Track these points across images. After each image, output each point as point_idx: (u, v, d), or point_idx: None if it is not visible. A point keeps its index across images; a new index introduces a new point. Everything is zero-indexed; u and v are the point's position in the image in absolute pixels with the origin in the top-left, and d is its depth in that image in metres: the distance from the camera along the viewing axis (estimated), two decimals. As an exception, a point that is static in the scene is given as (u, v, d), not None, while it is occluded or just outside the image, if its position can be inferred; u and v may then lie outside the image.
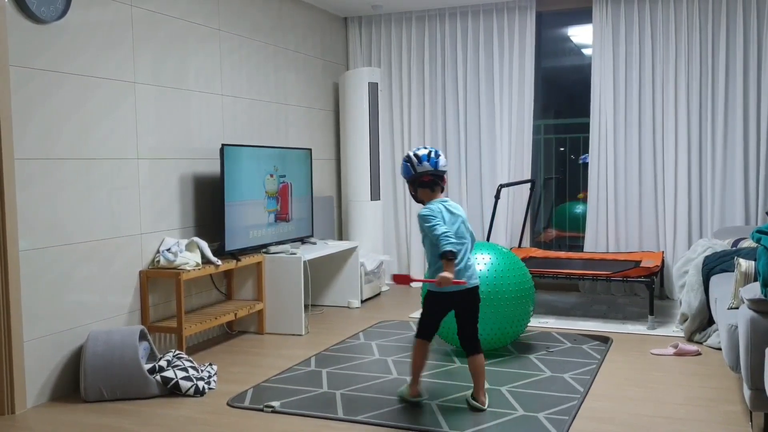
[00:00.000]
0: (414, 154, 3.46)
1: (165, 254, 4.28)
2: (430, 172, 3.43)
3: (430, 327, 3.54)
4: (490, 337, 4.22)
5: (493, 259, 4.26)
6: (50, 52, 3.66)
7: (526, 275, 4.36)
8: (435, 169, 3.44)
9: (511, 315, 4.21)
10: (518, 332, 4.35)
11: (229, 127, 5.12)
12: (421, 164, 3.43)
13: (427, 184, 3.47)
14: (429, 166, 3.43)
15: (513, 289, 4.21)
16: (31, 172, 3.56)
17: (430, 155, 3.43)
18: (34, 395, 3.60)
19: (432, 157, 3.43)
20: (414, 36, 6.64)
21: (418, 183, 3.47)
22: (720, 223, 5.80)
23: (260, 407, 3.49)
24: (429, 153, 3.44)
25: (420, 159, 3.43)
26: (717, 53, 5.75)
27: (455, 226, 3.41)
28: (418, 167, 3.44)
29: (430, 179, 3.45)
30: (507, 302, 4.18)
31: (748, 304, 3.02)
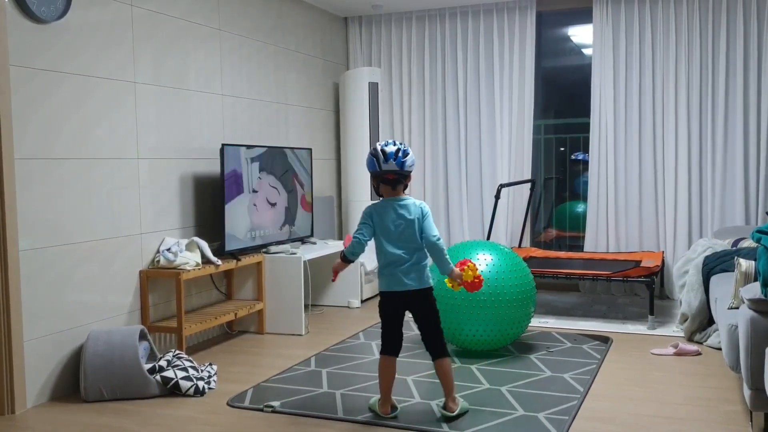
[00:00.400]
0: (381, 150, 3.30)
1: (165, 254, 4.28)
2: (394, 172, 3.30)
3: (389, 337, 3.38)
4: (489, 338, 4.22)
5: (494, 259, 4.25)
6: (50, 51, 3.66)
7: (527, 276, 4.34)
8: (401, 169, 3.29)
9: (511, 316, 4.20)
10: (518, 333, 4.34)
11: (229, 127, 5.12)
12: (387, 162, 3.28)
13: (389, 182, 3.33)
14: (394, 166, 3.28)
15: (514, 291, 4.19)
16: (31, 172, 3.56)
17: (397, 154, 3.28)
18: (34, 395, 3.60)
19: (399, 157, 3.28)
20: (414, 36, 6.64)
21: (381, 179, 3.34)
22: (720, 222, 5.80)
23: (260, 407, 3.49)
24: (397, 151, 3.28)
25: (387, 156, 3.28)
26: (717, 53, 5.75)
27: (398, 229, 3.29)
28: (384, 165, 3.29)
29: (394, 178, 3.32)
30: (508, 303, 4.16)
31: (749, 304, 3.02)
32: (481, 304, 4.12)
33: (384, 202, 3.36)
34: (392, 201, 3.34)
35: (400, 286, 3.32)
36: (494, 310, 4.13)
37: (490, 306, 4.12)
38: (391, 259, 3.31)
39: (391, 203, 3.34)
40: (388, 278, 3.34)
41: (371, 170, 3.35)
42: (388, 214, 3.33)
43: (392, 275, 3.32)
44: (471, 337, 4.22)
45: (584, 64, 6.43)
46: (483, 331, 4.18)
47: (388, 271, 3.33)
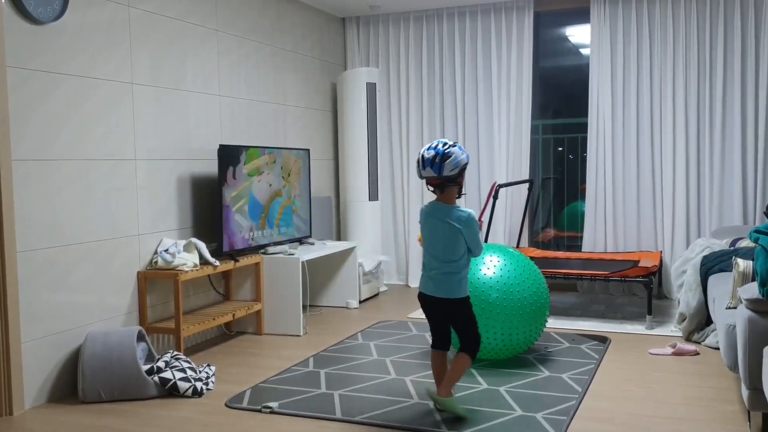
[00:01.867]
0: (421, 156, 3.26)
1: (163, 255, 4.28)
2: (430, 178, 3.28)
3: (433, 333, 3.47)
4: (503, 347, 4.01)
5: (502, 262, 4.03)
6: (47, 52, 3.65)
7: (539, 279, 4.11)
8: (439, 175, 3.23)
9: (526, 325, 3.97)
10: (533, 341, 4.13)
11: (227, 128, 5.11)
12: (425, 169, 3.25)
13: (435, 186, 3.32)
14: (432, 172, 3.24)
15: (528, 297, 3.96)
16: (28, 173, 3.55)
17: (434, 161, 3.21)
18: (32, 396, 3.60)
19: (436, 163, 3.20)
20: (412, 36, 6.64)
21: (428, 183, 3.34)
22: (718, 222, 5.80)
23: (258, 408, 3.49)
24: (434, 158, 3.21)
25: (424, 163, 3.24)
26: (715, 53, 5.76)
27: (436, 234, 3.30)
28: (423, 171, 3.27)
29: (438, 182, 3.29)
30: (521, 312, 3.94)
31: (746, 304, 3.02)
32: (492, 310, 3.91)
33: (432, 204, 3.37)
34: (439, 205, 3.33)
35: (425, 289, 3.37)
36: (507, 319, 3.92)
37: (501, 314, 3.92)
38: (425, 260, 3.37)
39: (437, 207, 3.33)
40: (421, 279, 3.41)
41: (418, 176, 3.35)
42: (432, 216, 3.33)
43: (423, 276, 3.40)
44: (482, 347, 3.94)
45: (582, 64, 6.43)
46: (491, 340, 3.97)
47: (423, 271, 3.39)
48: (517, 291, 3.98)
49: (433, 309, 3.40)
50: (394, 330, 5.03)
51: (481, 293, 3.95)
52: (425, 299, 3.39)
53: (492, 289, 3.95)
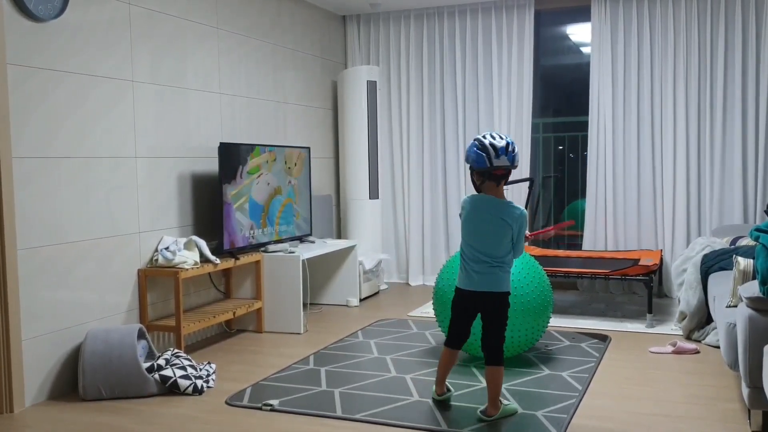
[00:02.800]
0: (491, 144, 3.12)
1: (163, 253, 4.28)
2: (505, 167, 3.16)
3: (452, 330, 3.39)
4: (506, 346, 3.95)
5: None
6: (48, 50, 3.65)
7: (543, 278, 4.12)
8: (512, 164, 3.15)
9: (529, 324, 3.98)
10: (536, 340, 4.14)
11: (228, 126, 5.11)
12: (499, 158, 3.12)
13: (496, 178, 3.20)
14: (506, 161, 3.13)
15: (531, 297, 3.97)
16: (29, 171, 3.55)
17: (508, 149, 3.12)
18: (32, 394, 3.60)
19: (510, 152, 3.12)
20: (413, 34, 6.63)
21: (487, 176, 3.19)
22: (718, 221, 5.80)
23: (259, 405, 3.49)
24: (507, 146, 3.12)
25: (498, 152, 3.11)
26: (716, 51, 5.75)
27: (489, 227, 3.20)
28: (495, 161, 3.12)
29: (502, 173, 3.19)
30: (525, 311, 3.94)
31: (747, 303, 3.02)
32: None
33: (482, 197, 3.25)
34: (491, 199, 3.22)
35: (469, 284, 3.27)
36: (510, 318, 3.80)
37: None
38: (468, 255, 3.26)
39: (489, 200, 3.22)
40: (462, 274, 3.31)
41: (480, 166, 3.16)
42: (482, 210, 3.22)
43: (464, 271, 3.29)
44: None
45: (583, 62, 6.43)
46: None
47: (463, 266, 3.29)
48: (521, 290, 3.97)
49: (471, 305, 3.31)
50: (394, 328, 5.03)
51: None
52: (465, 295, 3.29)
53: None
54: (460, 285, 3.33)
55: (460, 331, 3.38)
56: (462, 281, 3.32)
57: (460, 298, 3.34)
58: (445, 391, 3.49)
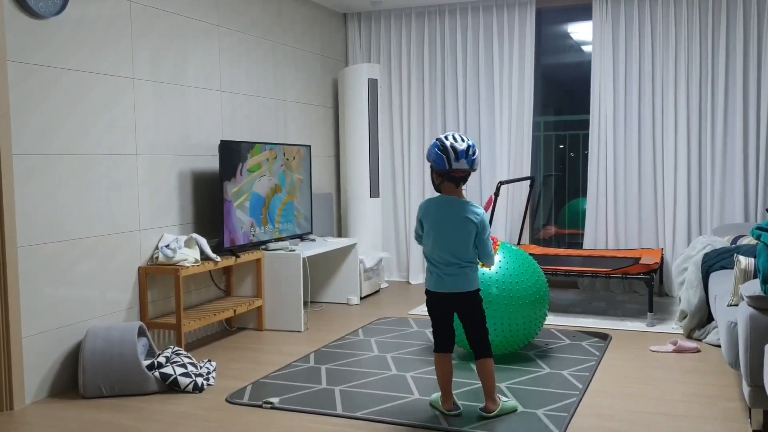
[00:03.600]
0: (452, 147, 3.14)
1: (164, 250, 4.28)
2: (464, 170, 3.19)
3: (436, 335, 3.34)
4: (502, 341, 4.04)
5: (503, 259, 4.07)
6: (48, 47, 3.65)
7: (539, 274, 4.15)
8: (471, 167, 3.18)
9: (525, 319, 4.00)
10: (532, 336, 4.16)
11: (228, 124, 5.11)
12: (458, 161, 3.15)
13: (455, 180, 3.22)
14: (465, 165, 3.16)
15: (527, 292, 4.00)
16: (29, 168, 3.55)
17: (468, 152, 3.15)
18: (32, 391, 3.60)
19: (470, 155, 3.15)
20: (414, 32, 6.63)
21: (446, 177, 3.21)
22: (719, 220, 5.80)
23: (259, 403, 3.49)
24: (467, 149, 3.15)
25: (458, 155, 3.14)
26: (717, 50, 5.75)
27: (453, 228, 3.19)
28: (455, 163, 3.15)
29: (461, 176, 3.22)
30: (521, 306, 3.97)
31: (748, 301, 3.02)
32: (492, 306, 3.93)
33: (442, 198, 3.26)
34: (451, 199, 3.24)
35: (439, 287, 3.25)
36: (506, 314, 3.95)
37: (501, 309, 3.94)
38: (434, 257, 3.24)
39: (450, 200, 3.23)
40: (432, 277, 3.27)
41: (440, 168, 3.19)
42: (444, 210, 3.22)
43: (433, 275, 3.26)
44: None
45: (584, 61, 6.42)
46: (494, 336, 3.95)
47: (432, 270, 3.26)
48: (517, 286, 3.99)
49: (446, 307, 3.30)
50: (394, 326, 5.03)
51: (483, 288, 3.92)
52: (438, 297, 3.28)
53: (493, 284, 3.97)
54: (432, 288, 3.29)
55: (445, 332, 3.33)
56: (433, 284, 3.28)
57: (434, 300, 3.31)
58: (453, 407, 3.33)
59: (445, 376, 3.33)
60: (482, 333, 3.29)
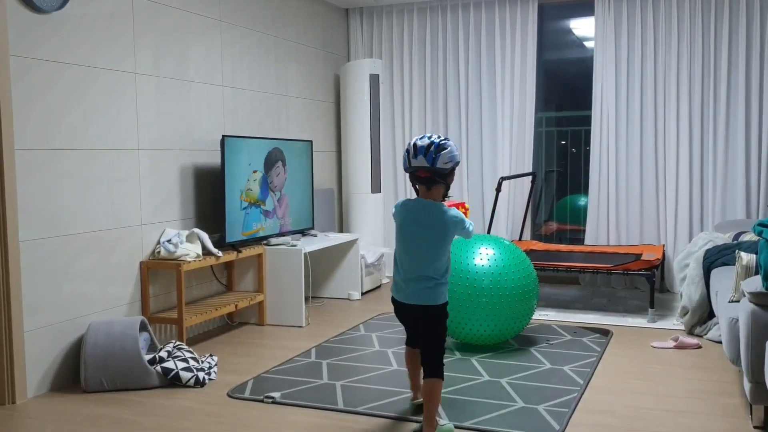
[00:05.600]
0: (413, 144, 2.95)
1: (165, 245, 4.28)
2: (426, 169, 2.94)
3: (408, 332, 3.25)
4: (490, 333, 4.16)
5: (496, 253, 4.19)
6: (51, 42, 3.65)
7: (529, 269, 4.27)
8: (432, 166, 2.92)
9: (513, 312, 4.12)
10: (520, 328, 4.27)
11: (230, 119, 5.11)
12: (416, 158, 2.93)
13: (422, 181, 2.99)
14: (424, 162, 2.92)
15: (516, 285, 4.12)
16: (31, 163, 3.55)
17: (428, 149, 2.91)
18: (34, 385, 3.61)
19: (431, 152, 2.90)
20: (415, 27, 6.62)
21: (412, 178, 3.01)
22: (721, 216, 5.80)
23: (260, 398, 3.49)
24: (429, 146, 2.91)
25: (417, 151, 2.93)
26: (719, 46, 5.74)
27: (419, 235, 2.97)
28: (413, 160, 2.94)
29: (427, 176, 2.96)
30: (510, 298, 4.09)
31: (749, 298, 3.02)
32: (483, 298, 4.07)
33: (417, 201, 3.04)
34: (425, 203, 3.00)
35: (401, 296, 3.05)
36: (496, 305, 4.08)
37: (491, 301, 4.07)
38: (401, 263, 3.03)
39: (424, 204, 3.00)
40: (395, 284, 3.09)
41: (404, 168, 3.01)
42: (417, 214, 3.00)
43: (397, 281, 3.06)
44: (471, 332, 4.17)
45: (586, 56, 6.42)
46: (484, 326, 4.13)
47: (397, 276, 3.07)
48: (505, 276, 4.11)
49: (408, 316, 3.11)
50: (395, 322, 5.03)
51: (473, 281, 4.09)
52: (401, 307, 3.07)
53: (482, 278, 4.09)
54: (395, 295, 3.09)
55: (414, 332, 3.19)
56: (396, 291, 3.08)
57: (397, 308, 3.12)
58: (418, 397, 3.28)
59: (414, 369, 3.27)
60: (438, 352, 3.00)
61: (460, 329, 4.20)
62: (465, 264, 4.15)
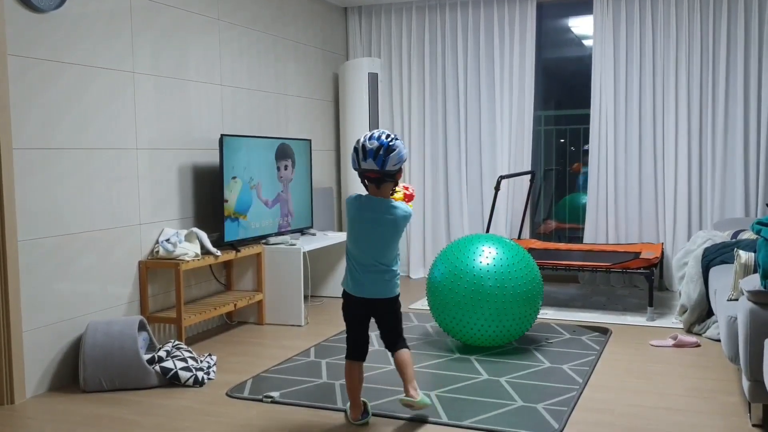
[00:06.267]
0: (362, 145, 2.98)
1: (164, 245, 4.28)
2: (374, 171, 3.00)
3: (351, 341, 3.17)
4: (494, 334, 4.09)
5: (499, 252, 4.12)
6: (49, 41, 3.64)
7: (534, 270, 4.19)
8: (381, 168, 2.97)
9: (518, 313, 4.05)
10: (525, 329, 4.20)
11: (229, 118, 5.10)
12: (366, 161, 2.98)
13: (372, 181, 3.05)
14: (374, 165, 2.96)
15: (521, 285, 4.04)
16: (30, 162, 3.55)
17: (377, 152, 2.95)
18: (33, 385, 3.61)
19: (380, 155, 2.95)
20: (414, 26, 6.61)
21: (361, 177, 3.07)
22: (720, 214, 5.80)
23: (259, 397, 3.50)
24: (377, 149, 2.95)
25: (366, 154, 2.96)
26: (718, 43, 5.74)
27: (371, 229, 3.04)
28: (363, 163, 2.99)
29: (376, 176, 3.02)
30: (514, 298, 4.02)
31: (748, 296, 3.02)
32: (487, 298, 4.00)
33: (367, 197, 3.10)
34: (375, 199, 3.08)
35: (360, 291, 3.10)
36: (500, 306, 4.01)
37: (496, 301, 4.00)
38: (356, 259, 3.09)
39: (374, 201, 3.07)
40: (350, 279, 3.12)
41: (352, 166, 3.07)
42: (368, 211, 3.06)
43: (353, 278, 3.10)
44: (475, 333, 4.10)
45: (584, 55, 6.41)
46: (486, 328, 4.05)
47: (353, 271, 3.11)
48: (511, 279, 4.04)
49: (363, 312, 3.14)
50: (395, 321, 5.03)
51: (478, 281, 4.02)
52: (357, 302, 3.11)
53: (487, 277, 4.02)
54: (351, 291, 3.11)
55: (360, 338, 3.17)
56: (352, 287, 3.11)
57: (352, 304, 3.13)
58: (359, 415, 3.17)
59: (357, 386, 3.17)
60: (399, 332, 3.18)
61: (463, 330, 4.13)
62: (470, 264, 4.07)
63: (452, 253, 4.20)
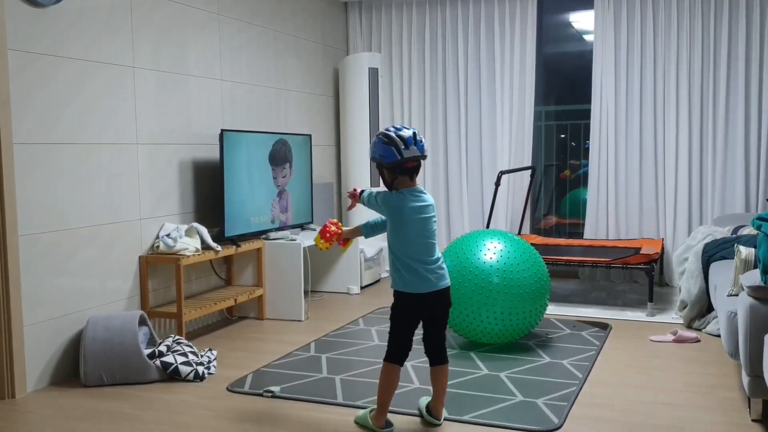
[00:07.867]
0: (398, 136, 2.92)
1: (165, 240, 4.28)
2: (416, 158, 2.95)
3: (402, 344, 3.05)
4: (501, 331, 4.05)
5: (505, 248, 4.07)
6: (49, 36, 3.64)
7: (542, 266, 4.15)
8: (422, 153, 2.96)
9: (525, 309, 4.01)
10: (532, 326, 4.16)
11: (229, 113, 5.10)
12: (408, 148, 2.91)
13: (409, 171, 2.99)
14: (417, 151, 2.93)
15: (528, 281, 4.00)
16: (30, 157, 3.55)
17: (416, 138, 2.93)
18: (34, 380, 3.61)
19: (419, 140, 2.94)
20: (415, 21, 6.60)
21: (399, 170, 2.95)
22: (720, 210, 5.80)
23: (260, 392, 3.50)
24: (414, 135, 2.94)
25: (407, 142, 2.91)
26: (719, 39, 5.73)
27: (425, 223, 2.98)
28: (405, 152, 2.91)
29: (414, 165, 2.98)
30: (521, 296, 3.98)
31: (748, 291, 3.02)
32: (494, 295, 3.96)
33: (411, 191, 3.00)
34: (417, 192, 3.01)
35: (434, 285, 2.99)
36: (507, 302, 3.97)
37: (501, 298, 3.97)
38: (420, 256, 2.96)
39: (420, 193, 3.01)
40: (419, 278, 2.96)
41: (390, 161, 2.92)
42: (421, 204, 2.99)
43: (421, 275, 2.96)
44: (482, 330, 4.06)
45: (585, 50, 6.40)
46: (493, 325, 4.02)
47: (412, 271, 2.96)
48: (518, 275, 3.99)
49: (424, 312, 3.06)
50: (395, 316, 5.03)
51: (484, 277, 3.99)
52: (425, 299, 2.99)
53: (493, 273, 3.99)
54: (419, 290, 2.97)
55: (410, 342, 3.08)
56: (419, 285, 2.97)
57: (418, 304, 3.00)
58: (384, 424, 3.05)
59: (394, 392, 3.06)
60: (444, 336, 3.16)
61: (470, 327, 4.08)
62: (473, 259, 4.05)
63: (460, 249, 4.16)
